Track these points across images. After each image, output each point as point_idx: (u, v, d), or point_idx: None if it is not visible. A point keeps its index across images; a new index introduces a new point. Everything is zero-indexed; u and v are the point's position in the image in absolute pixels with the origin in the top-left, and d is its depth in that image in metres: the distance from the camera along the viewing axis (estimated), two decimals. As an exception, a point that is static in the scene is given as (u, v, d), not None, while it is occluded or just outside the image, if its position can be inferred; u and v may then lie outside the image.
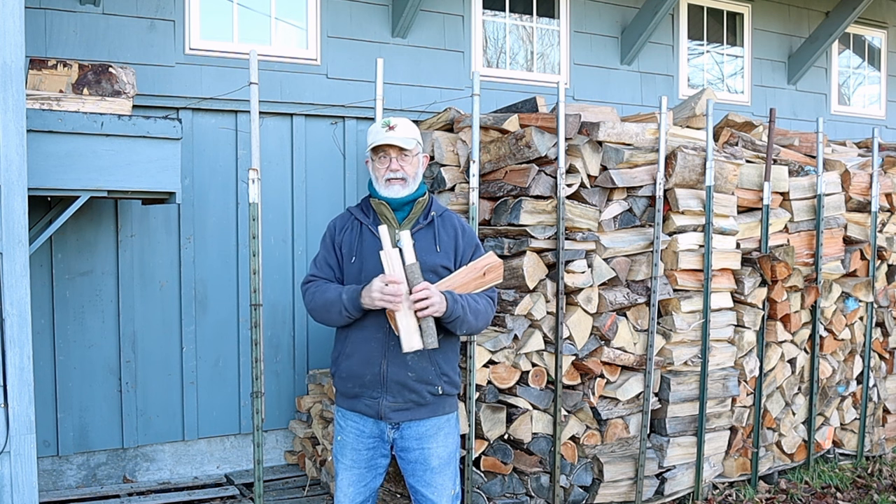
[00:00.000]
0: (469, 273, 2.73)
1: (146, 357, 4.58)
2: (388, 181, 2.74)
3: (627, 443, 4.27)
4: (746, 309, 4.54)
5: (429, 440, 2.78)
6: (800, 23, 6.91)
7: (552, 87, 5.60)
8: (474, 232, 2.90)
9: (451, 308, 2.61)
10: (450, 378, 2.80)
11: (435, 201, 2.86)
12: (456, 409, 2.90)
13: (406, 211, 2.79)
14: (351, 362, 2.75)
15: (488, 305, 2.78)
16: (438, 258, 2.73)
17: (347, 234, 2.82)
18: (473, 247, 2.83)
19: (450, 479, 2.85)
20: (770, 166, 4.58)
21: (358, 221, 2.81)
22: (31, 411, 2.89)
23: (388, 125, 2.71)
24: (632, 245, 4.20)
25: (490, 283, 2.78)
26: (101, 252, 4.45)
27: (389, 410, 2.73)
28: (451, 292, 2.64)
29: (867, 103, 7.54)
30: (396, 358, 2.69)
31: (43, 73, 3.69)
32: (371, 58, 4.77)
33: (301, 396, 4.82)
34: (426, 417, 2.77)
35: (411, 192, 2.77)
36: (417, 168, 2.78)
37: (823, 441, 5.09)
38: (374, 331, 2.71)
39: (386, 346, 2.70)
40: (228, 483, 4.63)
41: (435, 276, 2.69)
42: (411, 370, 2.71)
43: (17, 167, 2.84)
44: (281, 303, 4.92)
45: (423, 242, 2.72)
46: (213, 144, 4.70)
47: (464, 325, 2.68)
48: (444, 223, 2.81)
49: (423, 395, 2.73)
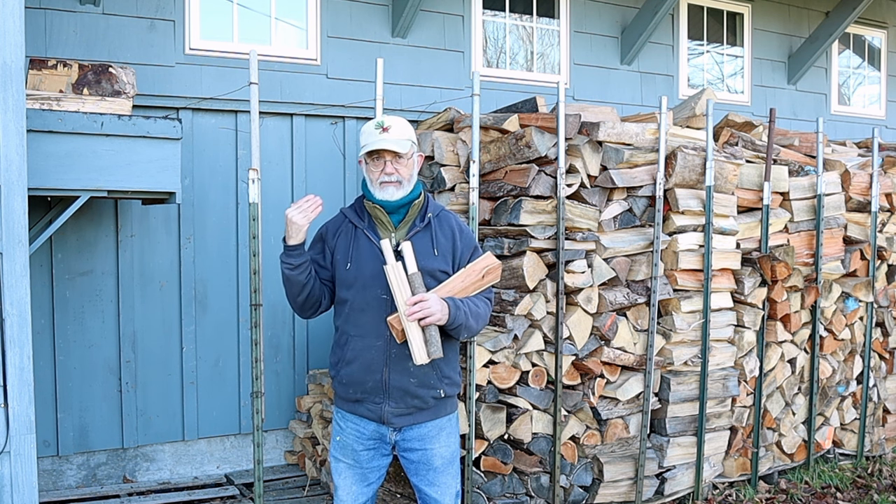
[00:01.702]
0: (468, 276, 2.71)
1: (146, 357, 4.58)
2: (382, 184, 2.66)
3: (627, 443, 4.27)
4: (746, 309, 4.54)
5: (431, 441, 2.78)
6: (800, 23, 6.91)
7: (552, 87, 5.59)
8: (472, 232, 2.87)
9: (454, 315, 2.59)
10: (451, 379, 2.79)
11: (431, 201, 2.80)
12: (456, 409, 2.90)
13: (402, 214, 2.73)
14: (352, 369, 2.72)
15: (487, 307, 2.77)
16: (436, 262, 2.69)
17: (342, 239, 2.76)
18: (472, 248, 2.79)
19: (453, 477, 2.85)
20: (770, 166, 4.58)
21: (352, 225, 2.75)
22: (31, 411, 2.89)
23: (381, 126, 2.64)
24: (632, 245, 4.20)
25: (488, 284, 2.78)
26: (101, 252, 4.45)
27: (392, 416, 2.71)
28: (452, 299, 2.61)
29: (867, 103, 7.54)
30: (398, 365, 2.68)
31: (43, 73, 3.69)
32: (371, 58, 4.77)
33: (301, 396, 4.82)
34: (429, 420, 2.76)
35: (406, 194, 2.70)
36: (412, 169, 2.71)
37: (823, 441, 5.09)
38: (374, 338, 2.68)
39: (387, 353, 2.68)
40: (228, 483, 4.63)
41: (433, 280, 2.66)
42: (413, 376, 2.69)
43: (17, 167, 2.83)
44: (281, 303, 4.91)
45: (420, 246, 2.68)
46: (213, 144, 4.70)
47: (466, 330, 2.67)
48: (441, 225, 2.76)
49: (426, 399, 2.72)
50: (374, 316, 2.66)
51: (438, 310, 2.54)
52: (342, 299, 2.75)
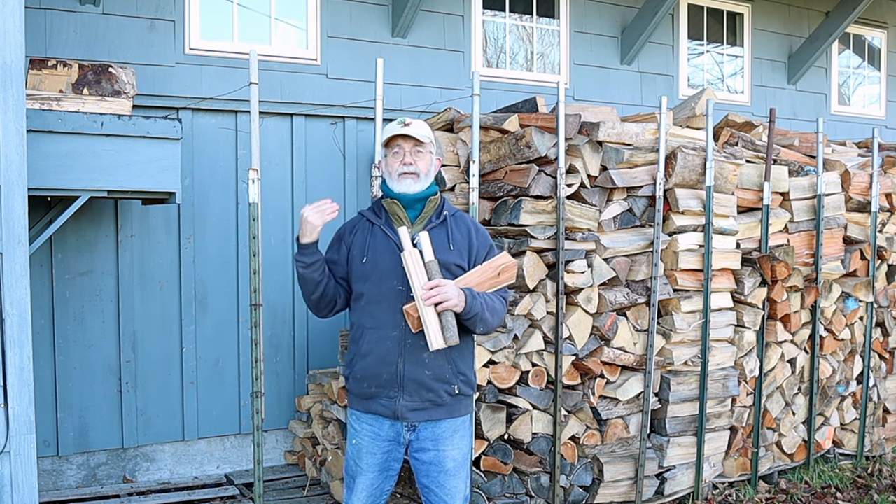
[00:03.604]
0: (484, 272, 2.73)
1: (146, 357, 4.58)
2: (401, 175, 2.73)
3: (627, 443, 4.27)
4: (746, 309, 4.54)
5: (444, 442, 2.78)
6: (800, 23, 6.91)
7: (552, 87, 5.59)
8: (487, 233, 2.91)
9: (471, 304, 2.62)
10: (466, 377, 2.80)
11: (447, 201, 2.86)
12: (471, 412, 2.91)
13: (418, 209, 2.78)
14: (367, 362, 2.75)
15: (502, 304, 2.79)
16: (452, 256, 2.73)
17: (359, 235, 2.82)
18: (487, 247, 2.84)
19: (463, 481, 2.85)
20: (770, 166, 4.58)
21: (370, 223, 2.82)
22: (31, 411, 2.89)
23: (403, 122, 2.74)
24: (632, 245, 4.20)
25: (504, 283, 2.78)
26: (101, 252, 4.45)
27: (406, 410, 2.72)
28: (469, 289, 2.65)
29: (867, 103, 7.54)
30: (413, 356, 2.69)
31: (43, 73, 3.69)
32: (371, 58, 4.77)
33: (301, 396, 4.82)
34: (443, 418, 2.77)
35: (423, 189, 2.76)
36: (430, 166, 2.79)
37: (823, 441, 5.09)
38: (389, 329, 2.71)
39: (402, 344, 2.70)
40: (228, 483, 4.63)
41: (449, 273, 2.69)
42: (428, 368, 2.70)
43: (17, 167, 2.84)
44: (281, 303, 4.92)
45: (437, 241, 2.72)
46: (213, 144, 4.71)
47: (482, 322, 2.69)
48: (457, 223, 2.81)
49: (441, 394, 2.73)
50: (390, 307, 2.70)
51: (455, 295, 2.57)
52: (358, 293, 2.80)
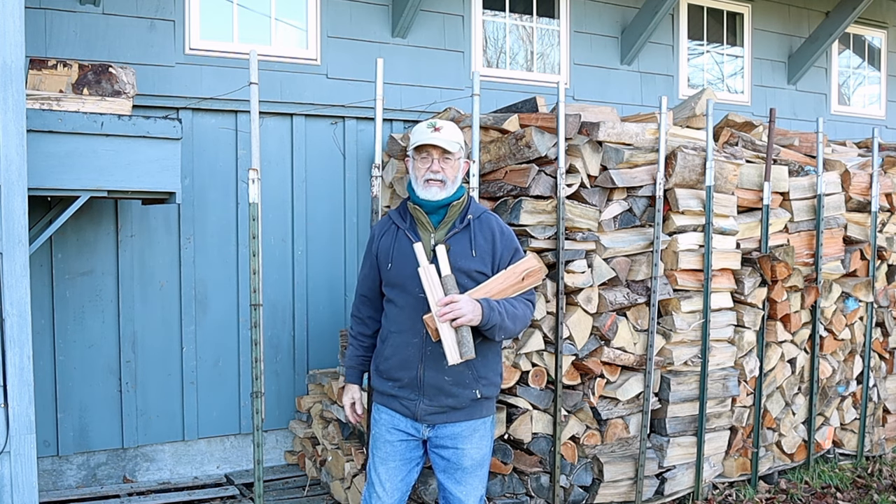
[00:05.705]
0: (507, 278, 2.71)
1: (146, 357, 4.58)
2: (427, 181, 2.73)
3: (627, 443, 4.27)
4: (746, 309, 4.54)
5: (464, 441, 2.79)
6: (800, 23, 6.91)
7: (552, 87, 5.60)
8: (513, 235, 2.88)
9: (488, 316, 2.60)
10: (488, 380, 2.80)
11: (473, 203, 2.84)
12: (493, 413, 2.91)
13: (441, 214, 2.78)
14: (389, 365, 2.79)
15: (527, 308, 2.77)
16: (474, 263, 2.73)
17: (385, 240, 2.84)
18: (512, 251, 2.82)
19: (480, 480, 2.86)
20: (770, 166, 4.58)
21: (395, 226, 2.83)
22: (31, 411, 2.90)
23: (434, 126, 2.72)
24: (632, 245, 4.20)
25: (529, 286, 2.77)
26: (101, 252, 4.45)
27: (426, 414, 2.75)
28: (487, 300, 2.63)
29: (867, 103, 7.54)
30: (433, 362, 2.71)
31: (43, 73, 3.69)
32: (371, 58, 4.77)
33: (301, 396, 4.83)
34: (462, 420, 2.78)
35: (448, 196, 2.75)
36: (458, 172, 2.78)
37: (823, 441, 5.09)
38: (411, 335, 2.74)
39: (423, 351, 2.72)
40: (228, 483, 4.63)
41: (470, 280, 2.69)
42: (448, 374, 2.72)
43: (17, 167, 2.84)
44: (281, 303, 4.92)
45: (459, 247, 2.72)
46: (213, 144, 4.70)
47: (501, 331, 2.68)
48: (482, 226, 2.79)
49: (461, 399, 2.75)
50: (412, 314, 2.72)
51: (470, 311, 2.56)
52: (387, 298, 2.85)
